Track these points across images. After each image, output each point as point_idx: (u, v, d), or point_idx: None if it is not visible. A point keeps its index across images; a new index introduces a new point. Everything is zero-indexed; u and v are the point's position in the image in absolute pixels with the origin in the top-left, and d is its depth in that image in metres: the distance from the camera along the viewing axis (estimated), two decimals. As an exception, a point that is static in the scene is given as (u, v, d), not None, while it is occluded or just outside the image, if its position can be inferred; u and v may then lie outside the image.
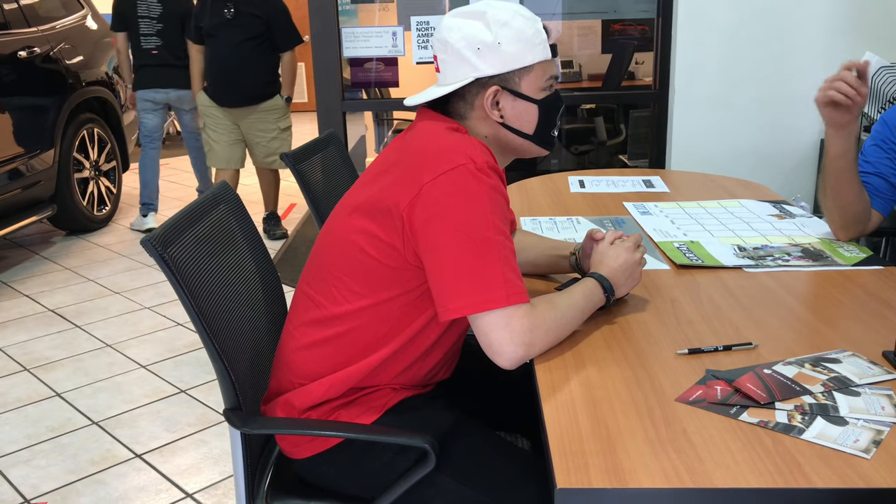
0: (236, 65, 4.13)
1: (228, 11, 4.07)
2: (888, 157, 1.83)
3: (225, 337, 1.29)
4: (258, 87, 4.23)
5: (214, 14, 4.11)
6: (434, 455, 1.18)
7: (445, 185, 1.16)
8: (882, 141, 1.85)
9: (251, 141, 4.37)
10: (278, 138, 4.37)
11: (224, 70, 4.17)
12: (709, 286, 1.53)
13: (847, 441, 0.98)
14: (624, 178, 2.47)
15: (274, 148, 4.37)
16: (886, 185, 1.83)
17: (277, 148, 4.37)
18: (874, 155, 1.85)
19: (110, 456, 2.38)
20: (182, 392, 2.78)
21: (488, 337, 1.16)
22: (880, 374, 1.15)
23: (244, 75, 4.16)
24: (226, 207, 1.49)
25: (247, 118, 4.29)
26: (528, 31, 1.28)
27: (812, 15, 3.32)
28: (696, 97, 3.42)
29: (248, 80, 4.19)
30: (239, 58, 4.12)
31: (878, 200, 1.82)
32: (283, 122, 4.39)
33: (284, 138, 4.41)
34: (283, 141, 4.40)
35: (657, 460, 0.95)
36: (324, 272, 1.29)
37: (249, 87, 4.21)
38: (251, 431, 1.30)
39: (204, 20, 4.16)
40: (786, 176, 3.53)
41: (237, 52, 4.10)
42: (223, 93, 4.23)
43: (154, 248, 1.20)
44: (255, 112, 4.28)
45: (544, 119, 1.33)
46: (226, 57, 4.13)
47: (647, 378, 1.16)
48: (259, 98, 4.25)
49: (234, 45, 4.09)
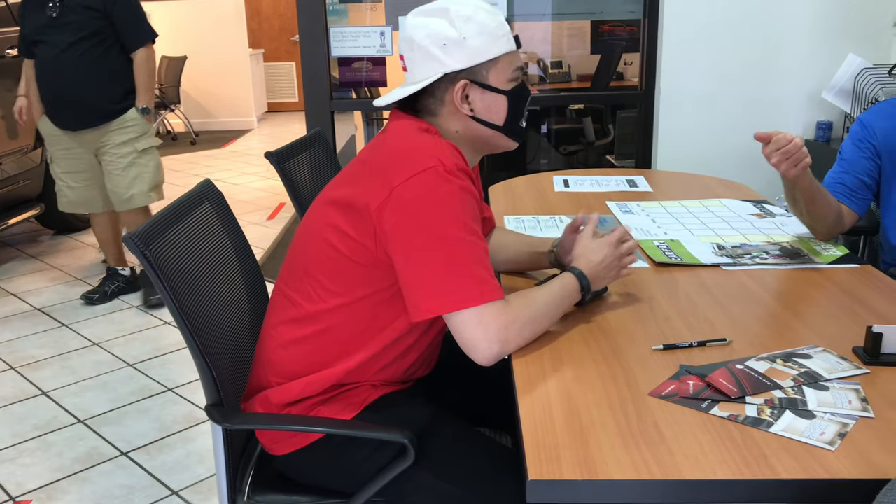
0: (67, 74, 3.18)
1: (53, 7, 3.13)
2: (864, 157, 1.86)
3: (207, 334, 1.30)
4: (102, 101, 3.25)
5: (36, 14, 3.18)
6: (413, 450, 1.20)
7: (415, 186, 1.18)
8: (859, 141, 1.88)
9: (105, 172, 3.36)
10: (136, 165, 3.32)
11: (52, 83, 3.23)
12: (687, 284, 1.55)
13: (813, 434, 1.00)
14: (608, 177, 2.49)
15: (131, 178, 3.32)
16: (862, 184, 1.85)
17: (136, 178, 3.32)
18: (852, 154, 1.88)
19: (96, 454, 2.39)
20: (169, 390, 2.79)
21: (464, 335, 1.18)
22: (849, 370, 1.17)
23: (79, 86, 3.20)
24: (210, 205, 1.50)
25: (97, 143, 3.32)
26: (492, 24, 1.30)
27: (796, 17, 3.36)
28: (682, 98, 3.45)
29: (86, 93, 3.22)
30: (70, 65, 3.17)
31: (855, 200, 1.85)
32: (141, 143, 3.34)
33: (145, 164, 3.35)
34: (142, 168, 3.34)
35: (628, 453, 0.97)
36: (299, 271, 1.31)
37: (89, 101, 3.24)
38: (232, 426, 1.31)
39: (27, 25, 3.23)
40: (770, 176, 3.54)
41: (67, 58, 3.15)
42: (58, 112, 3.29)
43: (136, 245, 1.21)
44: (106, 133, 3.29)
45: (513, 110, 1.35)
46: (53, 66, 3.19)
47: (622, 373, 1.18)
48: (106, 115, 3.27)
49: (63, 50, 3.14)
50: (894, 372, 1.17)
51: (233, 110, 8.79)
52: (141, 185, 3.36)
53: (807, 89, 3.45)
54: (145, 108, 3.34)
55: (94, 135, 3.30)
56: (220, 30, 8.41)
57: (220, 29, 8.41)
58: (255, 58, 9.04)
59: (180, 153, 7.49)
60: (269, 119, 9.45)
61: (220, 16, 8.38)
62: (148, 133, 3.39)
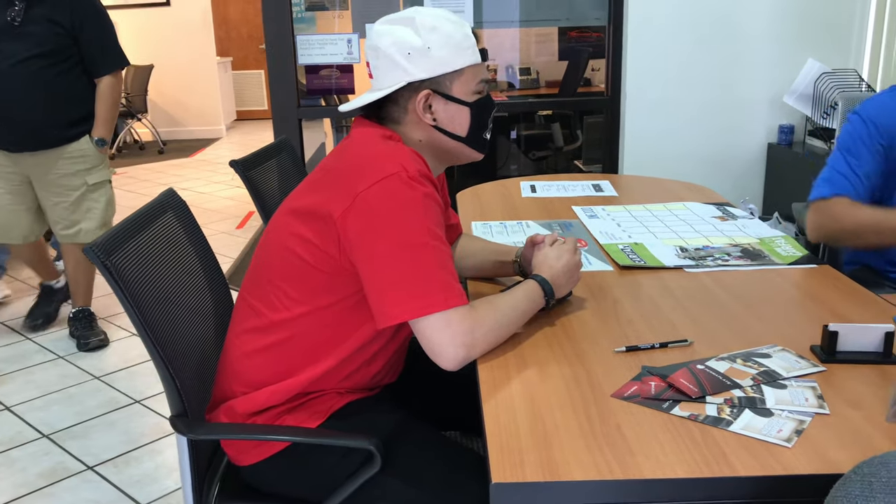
0: (15, 91, 2.85)
1: (13, 12, 2.80)
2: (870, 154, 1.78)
3: (171, 344, 1.29)
4: (50, 126, 2.92)
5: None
6: (379, 456, 1.20)
7: (379, 193, 1.19)
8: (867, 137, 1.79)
9: (45, 203, 3.05)
10: (86, 199, 3.05)
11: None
12: (650, 286, 1.57)
13: (771, 431, 1.02)
14: (574, 182, 2.52)
15: (82, 212, 3.05)
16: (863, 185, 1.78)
17: (86, 213, 3.06)
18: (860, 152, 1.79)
19: (61, 469, 2.35)
20: (137, 402, 2.75)
21: (430, 340, 1.18)
22: (807, 368, 1.20)
23: (26, 105, 2.86)
24: (173, 214, 1.49)
25: (39, 169, 2.99)
26: (457, 35, 1.31)
27: (758, 22, 3.42)
28: (647, 103, 3.50)
29: (34, 114, 2.88)
30: (21, 80, 2.83)
31: None
32: (93, 176, 3.05)
33: (96, 199, 3.07)
34: (93, 203, 3.06)
35: (590, 454, 0.98)
36: (262, 279, 1.31)
37: (35, 123, 2.90)
38: (196, 437, 1.30)
39: None
40: (735, 179, 3.62)
41: (19, 72, 2.82)
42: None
43: (97, 256, 1.20)
44: (52, 160, 2.97)
45: (476, 121, 1.36)
46: (1, 78, 2.83)
47: (586, 375, 1.19)
48: (54, 141, 2.95)
49: (17, 62, 2.82)
50: (849, 369, 1.20)
51: (201, 119, 8.72)
52: (90, 221, 3.08)
53: (769, 94, 3.52)
54: (101, 139, 3.03)
55: (35, 160, 2.96)
56: (188, 38, 8.35)
57: (187, 37, 8.34)
58: (224, 66, 8.98)
59: (148, 162, 7.41)
60: (238, 127, 9.39)
61: (187, 24, 8.32)
62: (102, 165, 3.08)
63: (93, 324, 3.28)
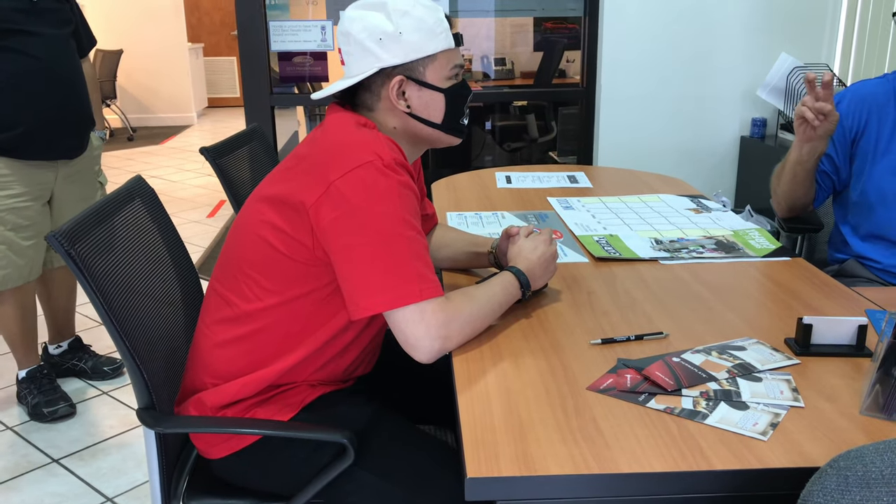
0: (69, 75, 2.37)
1: None
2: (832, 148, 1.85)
3: (138, 335, 1.26)
4: (91, 120, 2.52)
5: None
6: (352, 450, 1.18)
7: (353, 182, 1.16)
8: None
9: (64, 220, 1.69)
10: None
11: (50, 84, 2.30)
12: (625, 278, 1.56)
13: (747, 424, 1.02)
14: (549, 173, 2.51)
15: None
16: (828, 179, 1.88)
17: None
18: None
19: (25, 462, 2.30)
20: (104, 394, 2.70)
21: (404, 332, 1.16)
22: (781, 360, 1.20)
23: (78, 95, 2.41)
24: (141, 202, 1.46)
25: (66, 181, 2.46)
26: (430, 20, 1.28)
27: (732, 16, 3.43)
28: (622, 95, 3.50)
29: (86, 107, 2.46)
30: (69, 65, 2.38)
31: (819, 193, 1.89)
32: (101, 176, 2.66)
33: None
34: None
35: (566, 448, 0.97)
36: (234, 269, 1.28)
37: (86, 117, 2.48)
38: (165, 430, 1.27)
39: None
40: (708, 172, 3.64)
41: (65, 55, 2.36)
42: (50, 130, 2.33)
43: (60, 244, 1.17)
44: (84, 165, 2.51)
45: (452, 107, 1.33)
46: (49, 62, 2.29)
47: (561, 368, 1.18)
48: (87, 139, 2.51)
49: (59, 43, 2.34)
50: (824, 362, 1.20)
51: (171, 105, 8.58)
52: None
53: (742, 87, 3.53)
54: (102, 132, 2.66)
55: (68, 169, 2.45)
56: (158, 23, 8.20)
57: (157, 22, 8.19)
58: (195, 52, 8.84)
59: (117, 149, 7.28)
60: (209, 115, 9.25)
61: (158, 8, 8.17)
62: None
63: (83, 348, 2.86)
